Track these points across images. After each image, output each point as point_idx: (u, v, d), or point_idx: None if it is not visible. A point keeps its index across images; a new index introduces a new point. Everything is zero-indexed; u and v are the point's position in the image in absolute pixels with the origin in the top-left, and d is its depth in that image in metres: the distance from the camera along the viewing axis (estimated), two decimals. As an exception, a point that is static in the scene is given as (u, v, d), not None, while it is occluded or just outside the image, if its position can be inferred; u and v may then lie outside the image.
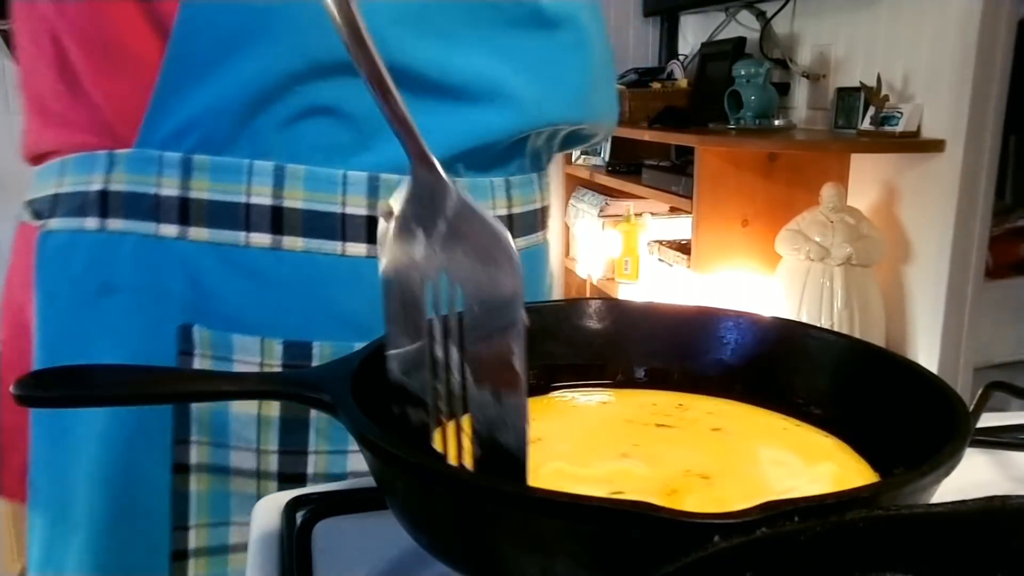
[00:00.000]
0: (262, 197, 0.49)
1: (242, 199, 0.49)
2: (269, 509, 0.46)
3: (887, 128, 1.96)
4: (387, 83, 0.30)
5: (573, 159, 2.84)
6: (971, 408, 0.42)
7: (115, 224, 0.51)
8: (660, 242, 2.39)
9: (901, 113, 1.94)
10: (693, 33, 2.91)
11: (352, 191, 0.50)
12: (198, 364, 0.50)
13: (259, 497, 0.47)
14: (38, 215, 0.56)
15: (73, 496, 0.54)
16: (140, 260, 0.51)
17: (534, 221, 0.60)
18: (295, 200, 0.49)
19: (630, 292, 2.46)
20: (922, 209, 2.01)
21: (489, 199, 0.56)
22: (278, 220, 0.49)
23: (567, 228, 2.83)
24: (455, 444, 0.33)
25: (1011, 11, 1.87)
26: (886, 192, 2.09)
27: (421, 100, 0.49)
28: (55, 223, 0.54)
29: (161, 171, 0.50)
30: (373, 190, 0.50)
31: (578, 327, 0.48)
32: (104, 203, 0.51)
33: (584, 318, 0.48)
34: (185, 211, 0.49)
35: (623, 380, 0.48)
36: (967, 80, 1.86)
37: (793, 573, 0.22)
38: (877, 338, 2.03)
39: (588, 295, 2.49)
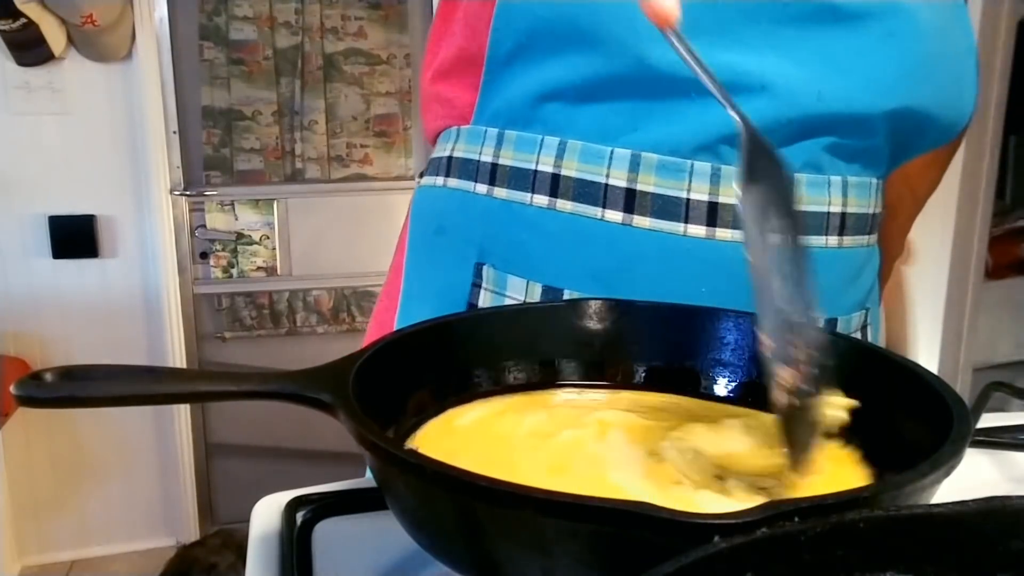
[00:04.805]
0: (546, 166, 0.58)
1: (532, 166, 0.59)
2: (269, 509, 0.46)
3: (887, 128, 1.95)
4: (687, 55, 0.38)
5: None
6: (971, 408, 0.42)
7: (452, 182, 0.65)
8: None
9: (901, 113, 1.94)
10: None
11: (616, 166, 0.56)
12: (483, 295, 0.60)
13: None
14: (422, 174, 0.71)
15: None
16: (460, 211, 0.63)
17: (826, 224, 0.59)
18: (570, 169, 0.58)
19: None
20: (922, 209, 2.01)
21: None
22: (555, 185, 0.58)
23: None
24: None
25: (1011, 11, 1.87)
26: (886, 192, 2.08)
27: (685, 95, 0.54)
28: (425, 180, 0.70)
29: (483, 142, 0.62)
30: (634, 166, 0.56)
31: (578, 327, 0.48)
32: (449, 166, 0.66)
33: (584, 318, 0.48)
34: (494, 174, 0.61)
35: (622, 380, 0.48)
36: (967, 80, 1.85)
37: (793, 573, 0.22)
38: (878, 338, 2.02)
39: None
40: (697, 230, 0.55)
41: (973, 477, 0.49)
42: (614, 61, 0.55)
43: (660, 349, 0.48)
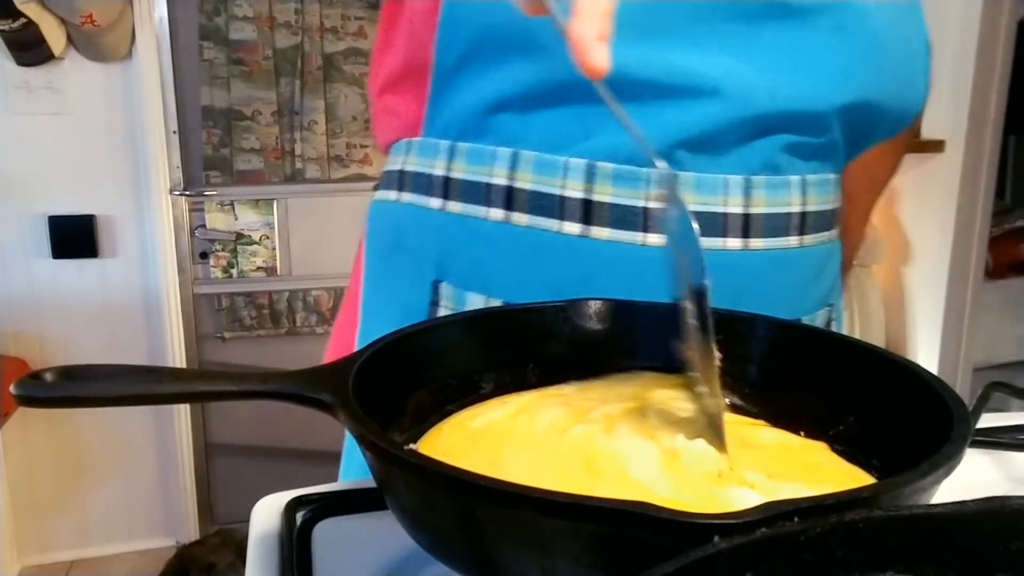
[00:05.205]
0: (500, 178, 0.57)
1: (486, 179, 0.57)
2: (269, 509, 0.46)
3: (887, 128, 1.96)
4: (612, 102, 0.40)
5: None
6: (971, 408, 0.42)
7: (405, 196, 0.63)
8: (660, 242, 2.39)
9: (901, 113, 1.94)
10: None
11: (572, 176, 0.55)
12: (441, 314, 0.59)
13: None
14: (376, 187, 0.70)
15: None
16: (415, 226, 0.62)
17: (786, 225, 0.58)
18: (525, 181, 0.56)
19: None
20: (922, 209, 2.01)
21: (720, 195, 0.55)
22: (511, 198, 0.57)
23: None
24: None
25: (1011, 11, 1.87)
26: (886, 192, 2.08)
27: (637, 99, 0.53)
28: (379, 194, 0.68)
29: (435, 155, 0.60)
30: (590, 176, 0.55)
31: (578, 327, 0.48)
32: (401, 180, 0.64)
33: (584, 318, 0.48)
34: (447, 188, 0.59)
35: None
36: (967, 80, 1.86)
37: (793, 573, 0.22)
38: (877, 338, 2.03)
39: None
40: (657, 239, 0.54)
41: (973, 477, 0.49)
42: (563, 66, 0.53)
43: (660, 349, 0.48)
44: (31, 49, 2.13)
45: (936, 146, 1.92)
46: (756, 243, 0.57)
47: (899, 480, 0.29)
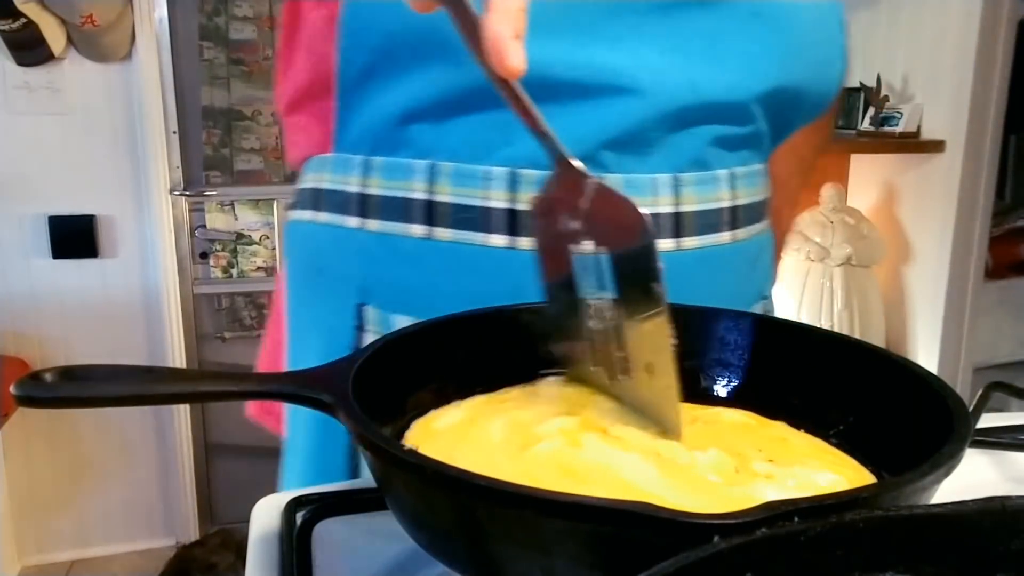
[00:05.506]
0: (419, 192, 0.55)
1: (404, 194, 0.55)
2: (269, 509, 0.46)
3: (887, 128, 1.96)
4: (527, 103, 0.38)
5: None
6: (971, 408, 0.42)
7: (321, 216, 0.60)
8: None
9: (901, 113, 1.94)
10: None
11: (494, 186, 0.53)
12: (367, 339, 0.56)
13: None
14: (292, 206, 0.67)
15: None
16: (335, 247, 0.59)
17: (717, 221, 0.57)
18: (445, 194, 0.54)
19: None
20: (922, 209, 2.01)
21: (650, 195, 0.54)
22: (431, 212, 0.54)
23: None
24: (611, 363, 0.42)
25: (1011, 11, 1.87)
26: (886, 192, 2.09)
27: (555, 100, 0.50)
28: (294, 214, 0.65)
29: (349, 171, 0.58)
30: (513, 185, 0.53)
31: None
32: (316, 198, 0.61)
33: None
34: (364, 205, 0.57)
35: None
36: (967, 80, 1.86)
37: (793, 573, 0.22)
38: (877, 338, 2.03)
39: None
40: (589, 246, 0.53)
41: (973, 477, 0.49)
42: (477, 70, 0.50)
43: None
44: (31, 49, 2.13)
45: (936, 146, 1.92)
46: (688, 242, 0.56)
47: (899, 480, 0.29)
